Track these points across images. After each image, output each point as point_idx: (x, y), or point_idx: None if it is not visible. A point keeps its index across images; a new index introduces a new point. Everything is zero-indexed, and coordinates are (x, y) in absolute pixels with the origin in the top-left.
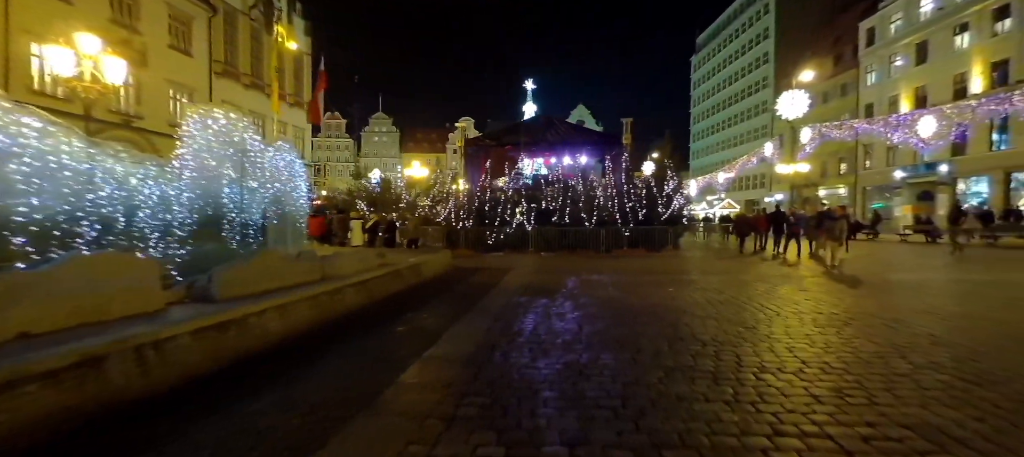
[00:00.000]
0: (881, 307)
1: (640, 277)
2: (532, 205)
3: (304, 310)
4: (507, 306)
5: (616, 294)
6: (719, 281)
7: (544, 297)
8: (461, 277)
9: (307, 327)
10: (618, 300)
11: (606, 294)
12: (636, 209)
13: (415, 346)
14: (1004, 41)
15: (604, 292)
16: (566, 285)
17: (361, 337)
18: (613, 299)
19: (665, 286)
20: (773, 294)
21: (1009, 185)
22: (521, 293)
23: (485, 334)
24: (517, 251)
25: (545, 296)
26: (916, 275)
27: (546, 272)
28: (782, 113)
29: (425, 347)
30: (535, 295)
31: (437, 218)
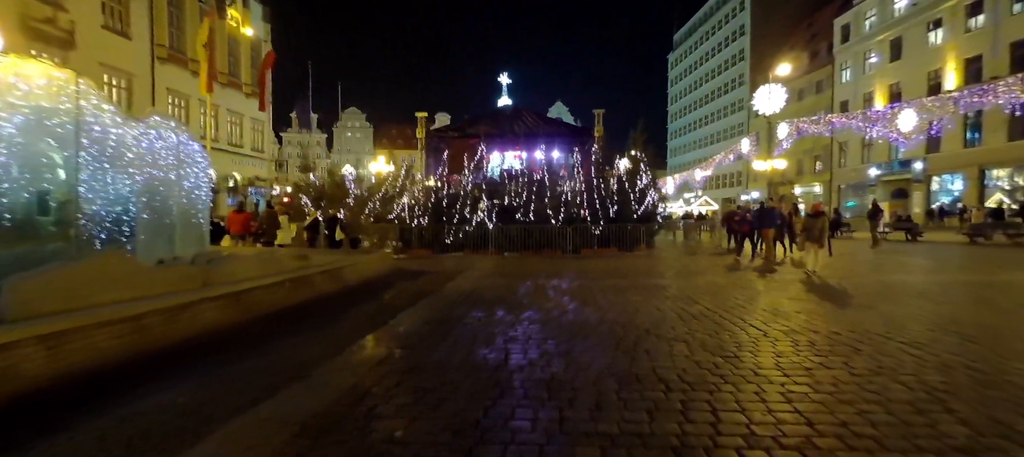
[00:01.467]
0: (889, 323)
1: (604, 282)
2: (494, 201)
3: (103, 339)
4: (428, 323)
5: (571, 305)
6: (692, 287)
7: (482, 310)
8: (394, 283)
9: (112, 360)
10: (571, 314)
11: (559, 305)
12: (607, 206)
13: (243, 398)
14: (977, 37)
15: (557, 303)
16: (516, 293)
17: (173, 379)
18: (565, 313)
19: (631, 293)
20: (755, 305)
21: (982, 182)
22: (457, 304)
23: (366, 372)
24: (478, 251)
25: (484, 309)
26: (911, 277)
27: (500, 276)
28: (758, 108)
29: (262, 397)
30: (473, 307)
31: (389, 215)
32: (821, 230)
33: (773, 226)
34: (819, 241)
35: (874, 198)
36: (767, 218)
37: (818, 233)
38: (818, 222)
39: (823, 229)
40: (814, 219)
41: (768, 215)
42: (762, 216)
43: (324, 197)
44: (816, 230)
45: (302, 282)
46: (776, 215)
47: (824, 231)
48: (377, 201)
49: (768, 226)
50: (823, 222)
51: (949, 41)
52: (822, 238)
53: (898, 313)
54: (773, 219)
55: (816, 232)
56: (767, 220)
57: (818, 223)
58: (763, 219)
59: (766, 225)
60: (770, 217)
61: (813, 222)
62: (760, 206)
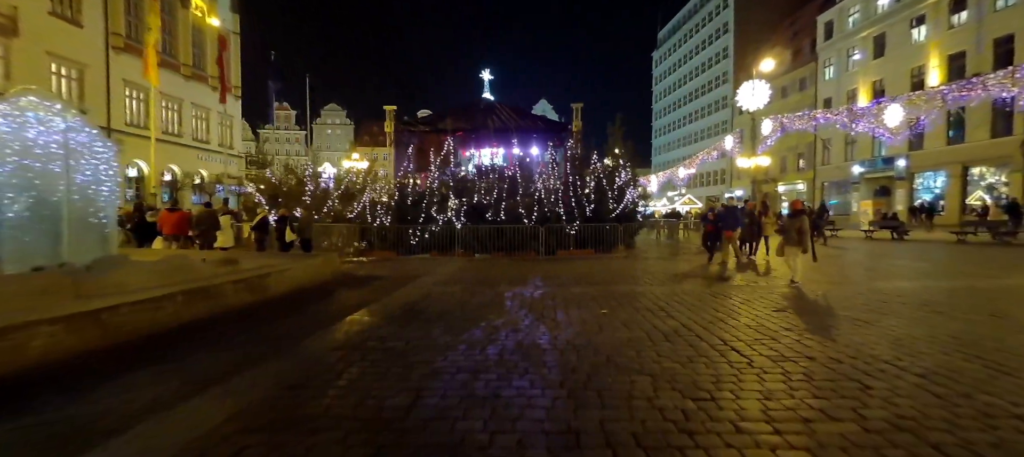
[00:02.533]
0: (898, 345)
1: (571, 290)
2: (462, 200)
3: None
4: (338, 349)
5: (525, 321)
6: (668, 296)
7: (418, 329)
8: (332, 292)
9: None
10: (522, 333)
11: (510, 322)
12: (583, 205)
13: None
14: (961, 33)
15: (510, 318)
16: (467, 305)
17: None
18: (515, 332)
19: (598, 304)
20: (738, 320)
21: (965, 180)
22: (391, 321)
23: (201, 438)
24: (446, 253)
25: (420, 327)
26: (908, 283)
27: (458, 282)
28: (742, 104)
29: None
30: (407, 324)
31: (350, 214)
32: (800, 232)
33: (735, 227)
34: (800, 244)
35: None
36: (728, 218)
37: (797, 235)
38: (796, 223)
39: (803, 230)
40: (793, 219)
41: (730, 215)
42: (723, 216)
43: (280, 194)
44: (793, 232)
45: (202, 295)
46: (739, 215)
47: (804, 233)
48: (336, 199)
49: (730, 227)
50: (802, 222)
51: (932, 38)
52: (803, 241)
53: (905, 331)
54: (735, 220)
55: (793, 234)
56: (728, 221)
57: (796, 224)
58: (724, 219)
59: (728, 226)
60: (732, 217)
61: (791, 223)
62: (723, 206)
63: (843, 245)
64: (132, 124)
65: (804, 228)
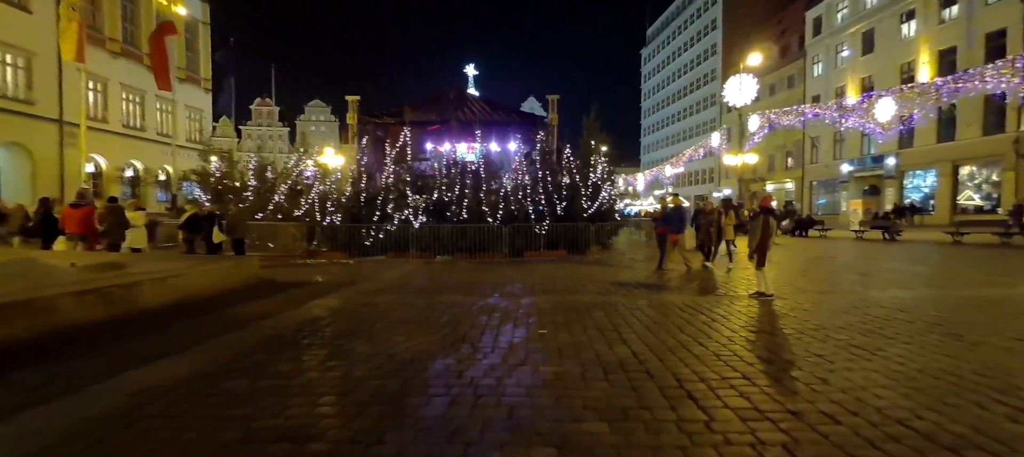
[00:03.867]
0: (917, 389)
1: (520, 301)
2: (420, 196)
3: None
4: (132, 402)
5: (437, 347)
6: (627, 310)
7: (288, 359)
8: (226, 304)
9: None
10: (418, 367)
11: (417, 348)
12: (554, 202)
13: None
14: (950, 28)
15: (421, 342)
16: (380, 323)
17: None
18: (411, 364)
19: (542, 321)
20: (703, 347)
21: (956, 178)
22: (261, 348)
23: None
24: (403, 255)
25: (290, 358)
26: (909, 293)
27: (392, 292)
28: (729, 99)
29: None
30: (272, 356)
31: (297, 212)
32: (762, 234)
33: (680, 230)
34: (757, 247)
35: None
36: (673, 220)
37: (759, 239)
38: (757, 224)
39: (766, 232)
40: (754, 219)
41: (675, 216)
42: (668, 217)
43: (223, 190)
44: (756, 234)
45: (23, 311)
46: (684, 216)
47: (766, 236)
48: (283, 195)
49: (675, 229)
50: (763, 224)
51: (922, 33)
52: (751, 243)
53: (918, 365)
54: (681, 221)
55: (756, 237)
56: (673, 222)
57: (757, 225)
58: (669, 221)
59: (673, 228)
60: (677, 219)
61: (753, 224)
62: (669, 205)
63: (832, 246)
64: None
65: (767, 230)
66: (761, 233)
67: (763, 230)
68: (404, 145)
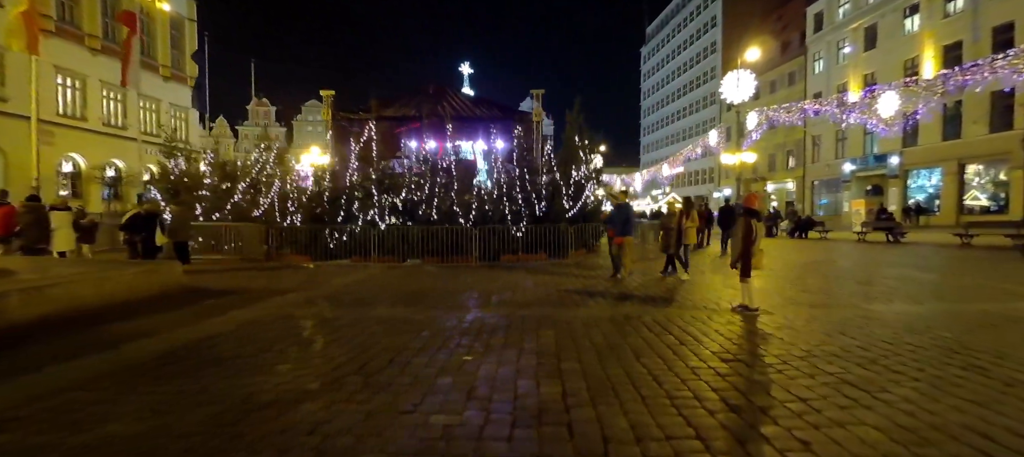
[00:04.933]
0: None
1: (465, 315)
2: (387, 196)
3: None
4: None
5: (323, 381)
6: (585, 326)
7: (107, 400)
8: (116, 319)
9: None
10: (289, 419)
11: (295, 386)
12: (533, 202)
13: None
14: (956, 22)
15: (317, 371)
16: (282, 342)
17: None
18: (272, 413)
19: (476, 343)
20: (658, 381)
21: (962, 177)
22: (83, 383)
23: None
24: (370, 258)
25: (112, 398)
26: (922, 307)
27: (326, 303)
28: (726, 96)
29: None
30: (101, 390)
31: (255, 212)
32: (744, 238)
33: (626, 232)
34: (744, 253)
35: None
36: (617, 220)
37: (743, 243)
38: (740, 227)
39: (748, 236)
40: (738, 222)
41: (617, 216)
42: (612, 218)
43: (179, 187)
44: (738, 237)
45: None
46: (629, 216)
47: (751, 240)
48: (240, 194)
49: (620, 231)
50: (745, 227)
51: (926, 27)
52: (735, 248)
53: (937, 419)
54: (623, 223)
55: (738, 240)
56: (617, 223)
57: (740, 227)
58: (613, 221)
59: (618, 229)
60: (622, 219)
61: (736, 228)
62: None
63: (833, 249)
64: (66, 114)
65: (751, 234)
66: (744, 238)
67: (746, 234)
68: (369, 141)
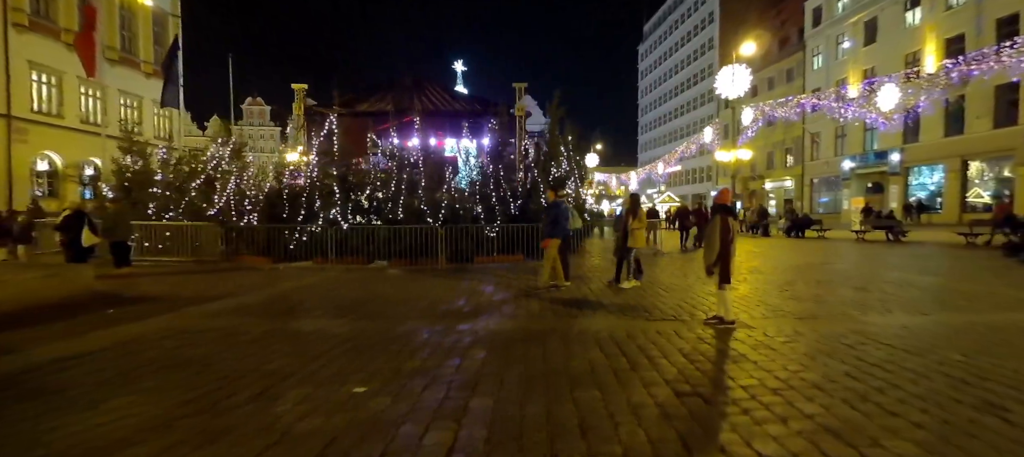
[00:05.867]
0: None
1: (397, 329)
2: (349, 193)
3: None
4: None
5: (141, 425)
6: (528, 337)
7: None
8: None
9: None
10: None
11: (97, 435)
12: (508, 201)
13: None
14: (959, 14)
15: (153, 408)
16: (152, 365)
17: None
18: None
19: (389, 365)
20: (594, 416)
21: (965, 175)
22: None
23: None
24: (330, 260)
25: None
26: (922, 318)
27: (245, 314)
28: (721, 91)
29: None
30: None
31: (210, 211)
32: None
33: (557, 234)
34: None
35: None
36: (549, 220)
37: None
38: (713, 226)
39: (725, 238)
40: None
41: (550, 216)
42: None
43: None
44: (713, 239)
45: None
46: (558, 216)
47: (727, 241)
48: (193, 190)
49: (549, 233)
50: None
51: (928, 20)
52: (710, 252)
53: None
54: (551, 223)
55: (713, 242)
56: (547, 224)
57: (714, 227)
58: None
59: (546, 231)
60: (553, 220)
61: (710, 229)
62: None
63: (830, 250)
64: (40, 111)
65: (727, 236)
66: (720, 240)
67: (722, 236)
68: (331, 135)
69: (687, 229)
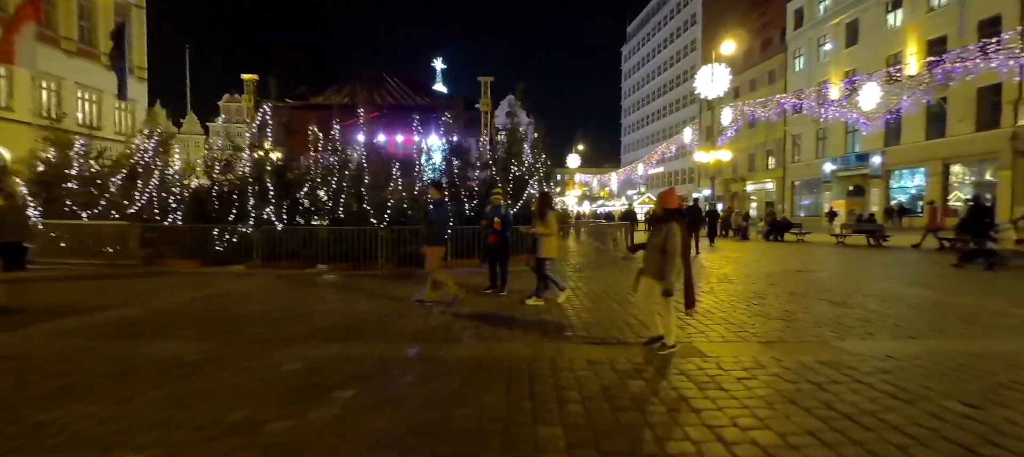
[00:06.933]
0: None
1: (253, 362)
2: (288, 191)
3: None
4: None
5: None
6: (424, 370)
7: None
8: None
9: None
10: None
11: None
12: (463, 200)
13: None
14: (941, 15)
15: None
16: None
17: None
18: None
19: (207, 412)
20: None
21: (947, 178)
22: None
23: None
24: (268, 264)
25: None
26: (908, 343)
27: (97, 334)
28: (700, 91)
29: None
30: None
31: (131, 209)
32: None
33: (433, 241)
34: (660, 275)
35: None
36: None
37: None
38: (660, 235)
39: (668, 250)
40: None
41: (435, 218)
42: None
43: (51, 181)
44: (656, 250)
45: None
46: (440, 217)
47: (670, 255)
48: (114, 186)
49: (431, 240)
50: (671, 233)
51: (910, 22)
52: (666, 269)
53: None
54: (435, 225)
55: (655, 255)
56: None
57: (661, 236)
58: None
59: (432, 238)
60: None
61: (654, 235)
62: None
63: (808, 255)
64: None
65: (672, 245)
66: (683, 247)
67: (684, 244)
68: (264, 127)
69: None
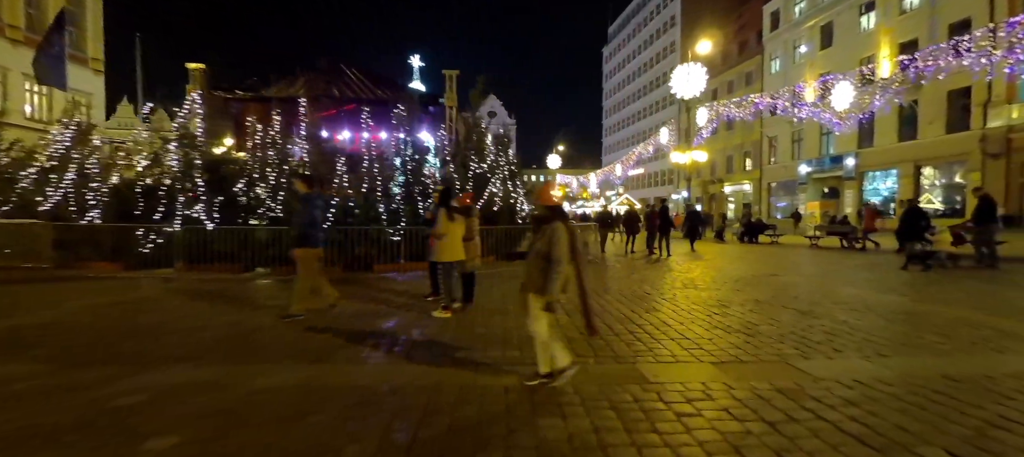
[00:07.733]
0: None
1: (103, 390)
2: (218, 187)
3: None
4: None
5: None
6: (291, 405)
7: None
8: None
9: None
10: None
11: None
12: (416, 199)
13: None
14: (913, 18)
15: None
16: None
17: None
18: None
19: None
20: None
21: (918, 180)
22: None
23: None
24: (198, 266)
25: None
26: (890, 363)
27: None
28: (676, 90)
29: None
30: None
31: (42, 206)
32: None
33: (307, 242)
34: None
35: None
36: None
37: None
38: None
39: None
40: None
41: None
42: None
43: None
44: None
45: None
46: (311, 217)
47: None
48: (27, 180)
49: (299, 241)
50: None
51: (883, 24)
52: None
53: None
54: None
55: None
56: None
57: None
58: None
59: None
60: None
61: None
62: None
63: (781, 257)
64: None
65: (556, 252)
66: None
67: (551, 249)
68: (192, 116)
69: (634, 234)
